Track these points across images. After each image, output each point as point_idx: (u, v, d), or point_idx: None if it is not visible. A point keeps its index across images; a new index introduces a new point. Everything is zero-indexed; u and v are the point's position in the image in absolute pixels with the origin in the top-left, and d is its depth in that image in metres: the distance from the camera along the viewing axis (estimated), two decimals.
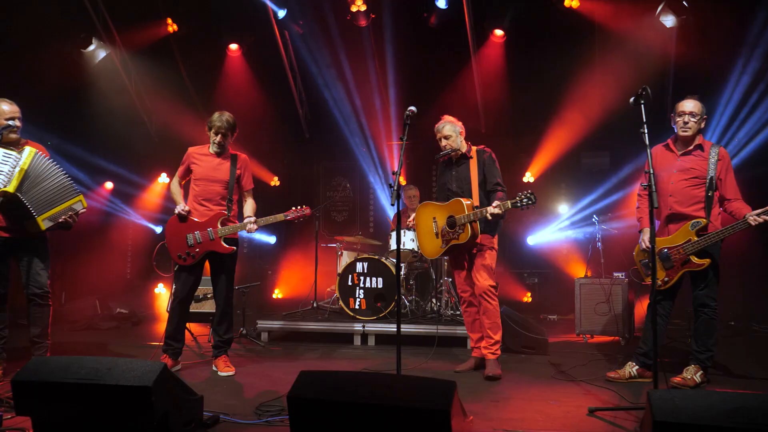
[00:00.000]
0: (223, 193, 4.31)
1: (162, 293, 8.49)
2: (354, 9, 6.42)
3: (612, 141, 7.44)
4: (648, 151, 3.31)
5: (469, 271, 4.33)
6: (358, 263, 5.98)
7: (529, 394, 3.71)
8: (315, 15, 6.71)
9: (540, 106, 7.14)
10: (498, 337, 4.21)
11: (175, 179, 4.42)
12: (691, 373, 3.83)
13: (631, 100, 3.39)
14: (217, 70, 7.42)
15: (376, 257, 5.99)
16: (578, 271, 7.63)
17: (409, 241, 6.14)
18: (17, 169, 3.74)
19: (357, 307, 5.90)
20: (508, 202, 3.88)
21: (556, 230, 7.88)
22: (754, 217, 3.58)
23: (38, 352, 4.03)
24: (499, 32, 6.48)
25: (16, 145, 3.88)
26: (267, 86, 7.63)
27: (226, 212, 4.29)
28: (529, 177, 8.05)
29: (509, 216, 5.22)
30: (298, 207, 4.41)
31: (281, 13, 6.45)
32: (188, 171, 4.36)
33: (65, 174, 3.97)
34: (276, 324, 5.84)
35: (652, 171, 3.22)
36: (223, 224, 4.25)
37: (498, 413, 3.28)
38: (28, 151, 3.82)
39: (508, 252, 7.86)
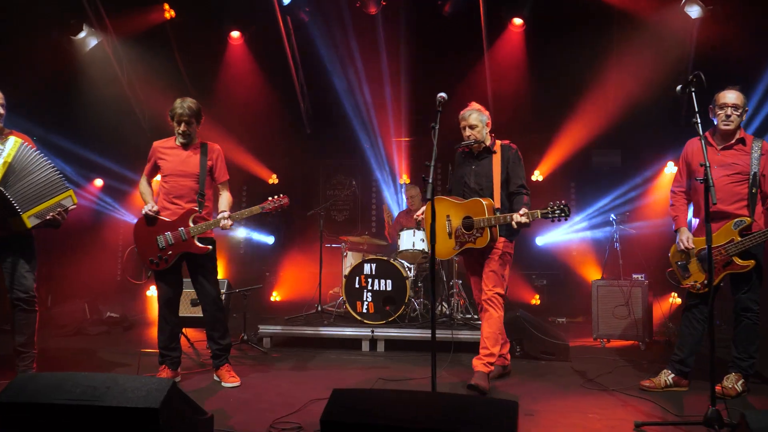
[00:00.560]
0: (195, 187, 3.92)
1: (154, 296, 8.12)
2: None
3: (624, 138, 7.20)
4: (702, 142, 3.07)
5: (480, 276, 3.94)
6: (365, 264, 5.68)
7: (562, 405, 3.45)
8: (322, 2, 6.39)
9: (556, 101, 6.87)
10: (495, 350, 3.75)
11: (143, 179, 4.06)
12: (732, 382, 3.59)
13: (678, 88, 3.12)
14: (215, 60, 7.04)
15: (385, 258, 5.69)
16: (589, 272, 7.39)
17: (419, 241, 5.85)
18: (0, 160, 3.41)
19: (365, 310, 5.59)
20: (538, 211, 3.52)
21: (566, 231, 7.63)
22: None
23: (23, 363, 3.70)
24: (518, 21, 6.19)
25: None
26: (268, 77, 7.27)
27: (197, 208, 3.89)
28: (537, 175, 7.80)
29: None
30: (276, 197, 3.97)
31: (286, 0, 6.12)
32: (156, 168, 4.00)
33: (53, 167, 3.64)
34: (279, 329, 5.51)
35: (708, 164, 2.96)
36: (195, 222, 3.86)
37: (534, 428, 3.00)
38: (13, 141, 3.51)
39: (515, 253, 7.58)
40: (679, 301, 6.87)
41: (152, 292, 8.09)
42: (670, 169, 7.23)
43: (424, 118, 7.74)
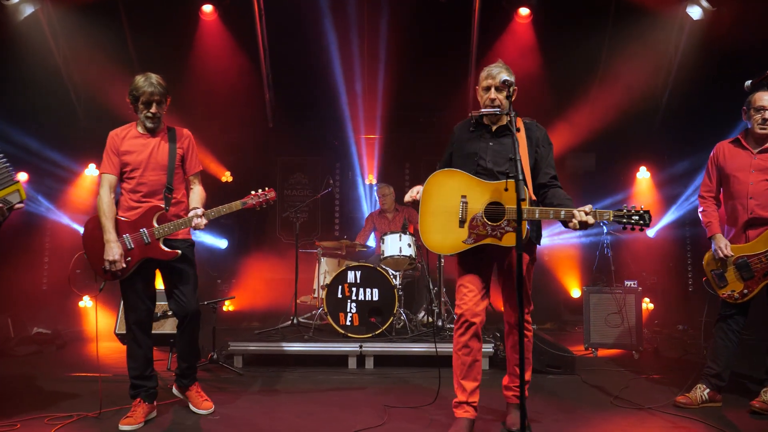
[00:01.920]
0: (166, 182, 3.31)
1: (88, 306, 7.12)
2: None
3: (599, 142, 7.12)
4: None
5: (506, 289, 3.12)
6: (349, 272, 5.14)
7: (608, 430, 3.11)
8: None
9: (544, 102, 6.63)
10: (529, 375, 3.11)
11: (105, 192, 3.23)
12: None
13: (748, 83, 2.88)
14: (175, 38, 6.13)
15: (371, 265, 5.18)
16: (569, 279, 7.27)
17: (406, 246, 5.38)
18: None
19: (348, 323, 5.05)
20: (611, 212, 2.75)
21: (544, 237, 7.47)
22: None
23: None
24: (524, 11, 5.87)
25: None
26: (234, 62, 6.51)
27: (162, 205, 3.28)
28: None
29: None
30: (261, 191, 3.47)
31: None
32: (120, 164, 3.27)
33: (4, 160, 3.02)
34: (253, 346, 4.86)
35: None
36: (160, 221, 3.26)
37: None
38: None
39: None
40: (651, 306, 6.90)
41: (85, 302, 7.09)
42: (643, 174, 7.25)
43: (387, 115, 7.33)
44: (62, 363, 5.01)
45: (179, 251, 3.29)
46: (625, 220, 2.75)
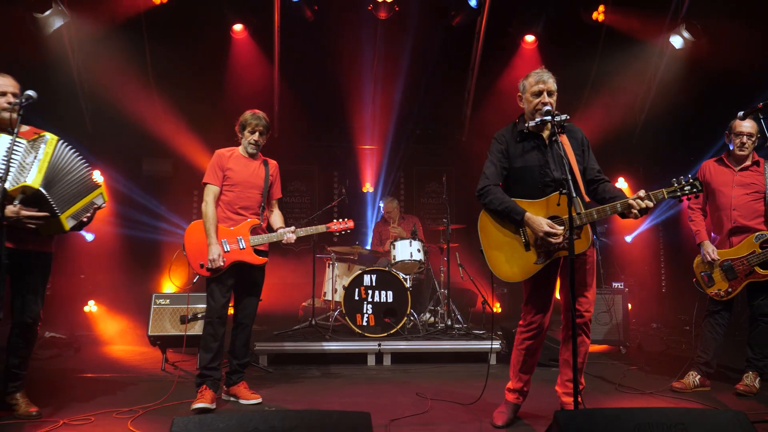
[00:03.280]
0: (259, 200, 3.91)
1: (93, 312, 7.24)
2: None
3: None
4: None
5: (572, 290, 2.84)
6: (365, 276, 5.51)
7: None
8: (334, 2, 6.11)
9: None
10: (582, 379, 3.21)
11: (212, 201, 3.75)
12: (751, 380, 3.97)
13: (740, 113, 3.42)
14: (196, 55, 6.42)
15: (386, 269, 5.56)
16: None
17: (416, 251, 5.79)
18: (38, 159, 3.06)
19: (365, 323, 5.42)
20: (664, 191, 2.85)
21: None
22: None
23: (13, 384, 3.45)
24: (530, 38, 6.44)
25: (8, 128, 3.17)
26: (250, 74, 6.78)
27: (258, 220, 3.89)
28: None
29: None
30: (342, 220, 4.18)
31: None
32: (224, 178, 3.83)
33: (86, 164, 3.40)
34: (279, 346, 5.15)
35: None
36: (254, 233, 3.84)
37: None
38: (49, 138, 3.20)
39: (481, 259, 7.80)
40: (630, 306, 7.51)
41: (90, 307, 7.21)
42: (621, 184, 7.89)
43: (396, 126, 7.73)
44: (89, 364, 5.16)
45: (267, 258, 3.84)
46: (679, 193, 2.87)
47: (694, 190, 2.85)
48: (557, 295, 3.29)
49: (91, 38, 5.86)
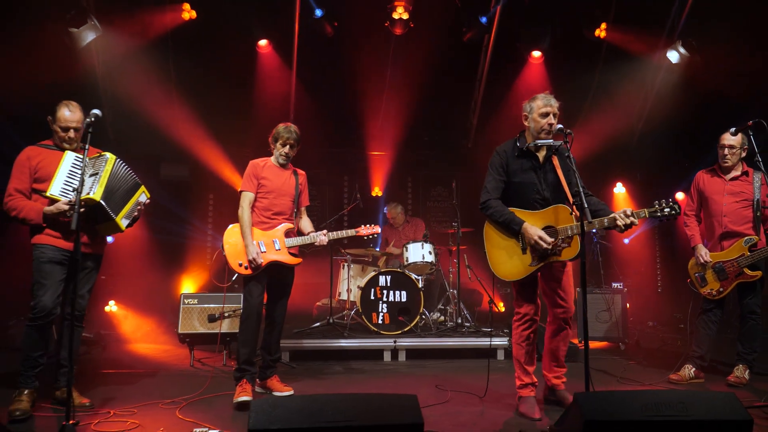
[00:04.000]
0: (292, 207, 4.23)
1: (113, 311, 7.52)
2: (396, 16, 6.32)
3: (582, 160, 8.08)
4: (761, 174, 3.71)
5: (552, 290, 3.63)
6: (380, 276, 5.84)
7: None
8: (353, 18, 6.46)
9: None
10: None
11: (247, 206, 4.07)
12: (741, 372, 4.33)
13: (732, 130, 3.78)
14: (222, 69, 6.79)
15: (400, 270, 5.89)
16: None
17: (427, 254, 6.13)
18: (99, 176, 3.55)
19: (380, 321, 5.74)
20: (646, 210, 3.23)
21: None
22: None
23: (64, 377, 3.76)
24: (536, 53, 6.85)
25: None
26: (269, 87, 7.11)
27: (291, 224, 4.19)
28: None
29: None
30: (369, 225, 4.53)
31: (318, 12, 6.09)
32: (259, 185, 4.13)
33: (134, 175, 3.83)
34: (301, 342, 5.47)
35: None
36: (287, 236, 4.14)
37: None
38: (108, 158, 3.66)
39: (485, 261, 8.13)
40: (627, 305, 7.89)
41: (111, 307, 7.49)
42: (619, 189, 8.29)
43: (405, 133, 8.07)
44: (118, 361, 5.45)
45: (301, 259, 4.16)
46: (659, 214, 3.21)
47: (673, 213, 3.21)
48: (542, 297, 3.75)
49: (117, 49, 6.14)
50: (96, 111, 3.23)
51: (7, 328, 6.20)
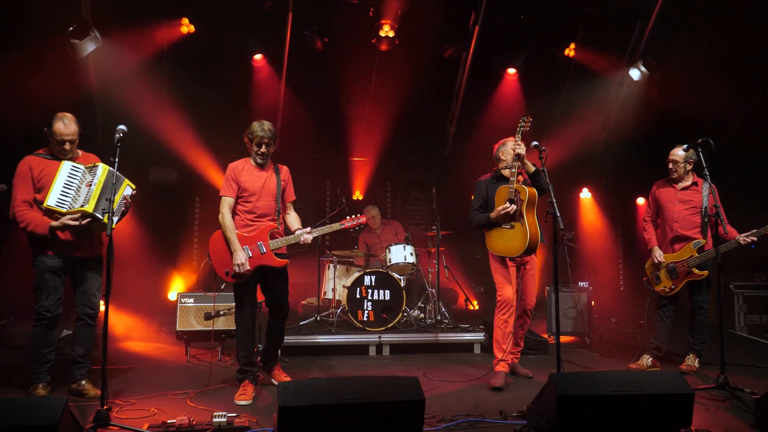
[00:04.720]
0: (275, 206, 4.19)
1: (102, 310, 7.68)
2: (382, 34, 6.65)
3: (551, 168, 8.63)
4: (708, 185, 4.28)
5: (520, 287, 4.59)
6: (366, 276, 6.22)
7: None
8: (341, 35, 6.82)
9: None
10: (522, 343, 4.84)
11: (227, 212, 4.08)
12: (692, 361, 4.87)
13: (685, 146, 4.32)
14: (219, 82, 7.08)
15: (384, 270, 6.28)
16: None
17: (409, 255, 6.54)
18: (93, 186, 3.81)
19: (365, 318, 6.12)
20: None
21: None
22: (743, 238, 4.70)
23: (80, 372, 4.10)
24: (512, 71, 7.39)
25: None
26: (258, 95, 7.42)
27: (276, 225, 4.16)
28: None
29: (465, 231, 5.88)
30: (354, 216, 4.46)
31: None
32: (240, 189, 4.12)
33: (122, 179, 3.97)
34: (291, 338, 5.80)
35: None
36: (272, 237, 4.12)
37: None
38: (102, 168, 3.88)
39: (460, 262, 8.60)
40: (592, 303, 8.48)
41: (101, 307, 7.66)
42: (585, 194, 8.90)
43: (386, 140, 8.47)
44: (115, 358, 5.64)
45: (288, 260, 4.21)
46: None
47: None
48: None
49: (114, 62, 6.36)
50: (122, 126, 3.52)
51: (1, 328, 6.37)
